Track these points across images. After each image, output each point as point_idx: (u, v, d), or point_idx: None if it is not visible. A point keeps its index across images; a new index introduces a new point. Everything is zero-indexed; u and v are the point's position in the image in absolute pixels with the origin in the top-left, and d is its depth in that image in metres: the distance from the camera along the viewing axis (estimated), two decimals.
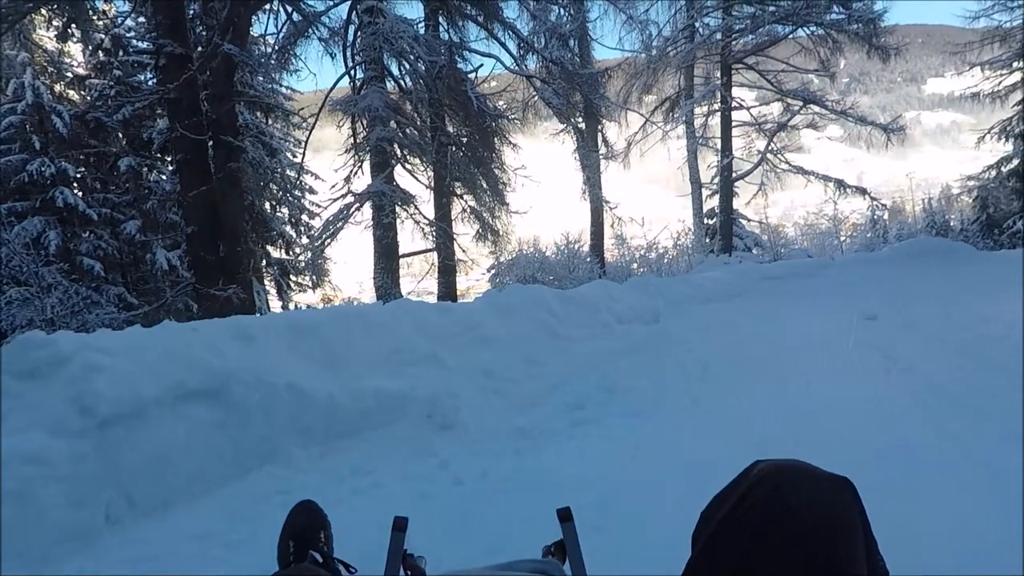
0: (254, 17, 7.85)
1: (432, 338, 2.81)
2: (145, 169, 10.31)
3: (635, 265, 14.90)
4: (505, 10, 8.96)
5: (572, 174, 13.08)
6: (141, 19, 10.19)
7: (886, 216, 17.06)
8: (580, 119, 10.84)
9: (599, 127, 12.10)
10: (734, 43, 12.90)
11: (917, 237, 12.05)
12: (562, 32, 8.95)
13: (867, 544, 0.69)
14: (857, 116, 12.66)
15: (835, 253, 14.61)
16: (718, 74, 13.37)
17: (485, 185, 9.30)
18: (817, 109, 12.79)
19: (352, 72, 9.04)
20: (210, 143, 6.81)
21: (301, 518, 1.63)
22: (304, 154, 10.06)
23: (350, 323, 2.91)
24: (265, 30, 9.27)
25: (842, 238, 16.46)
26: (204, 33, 7.84)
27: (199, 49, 7.10)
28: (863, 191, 13.57)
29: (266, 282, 12.47)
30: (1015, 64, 14.27)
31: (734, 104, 13.23)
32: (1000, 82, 14.74)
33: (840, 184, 13.41)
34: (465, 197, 9.92)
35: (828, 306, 4.66)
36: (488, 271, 12.94)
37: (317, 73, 15.03)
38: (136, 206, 10.01)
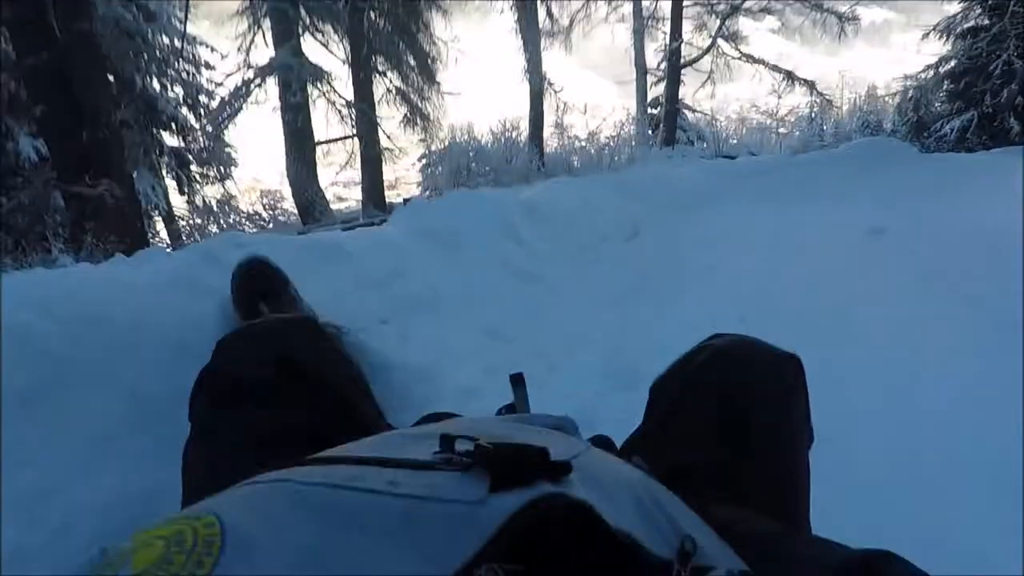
0: None
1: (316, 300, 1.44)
2: None
3: (574, 157, 14.15)
4: None
5: (510, 54, 11.73)
6: None
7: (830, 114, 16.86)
8: None
9: None
10: None
11: (875, 137, 11.89)
12: None
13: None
14: (813, 3, 11.84)
15: (775, 148, 14.44)
16: None
17: (412, 61, 7.95)
18: None
19: None
20: None
21: (261, 280, 1.31)
22: (187, 16, 8.17)
23: None
24: None
25: (781, 131, 16.30)
26: None
27: None
28: (811, 85, 13.08)
29: (165, 175, 10.75)
30: None
31: None
32: None
33: (790, 76, 12.83)
34: (389, 75, 8.53)
35: (821, 214, 4.13)
36: (419, 160, 11.83)
37: None
38: None
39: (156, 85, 10.21)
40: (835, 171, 5.97)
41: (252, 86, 7.21)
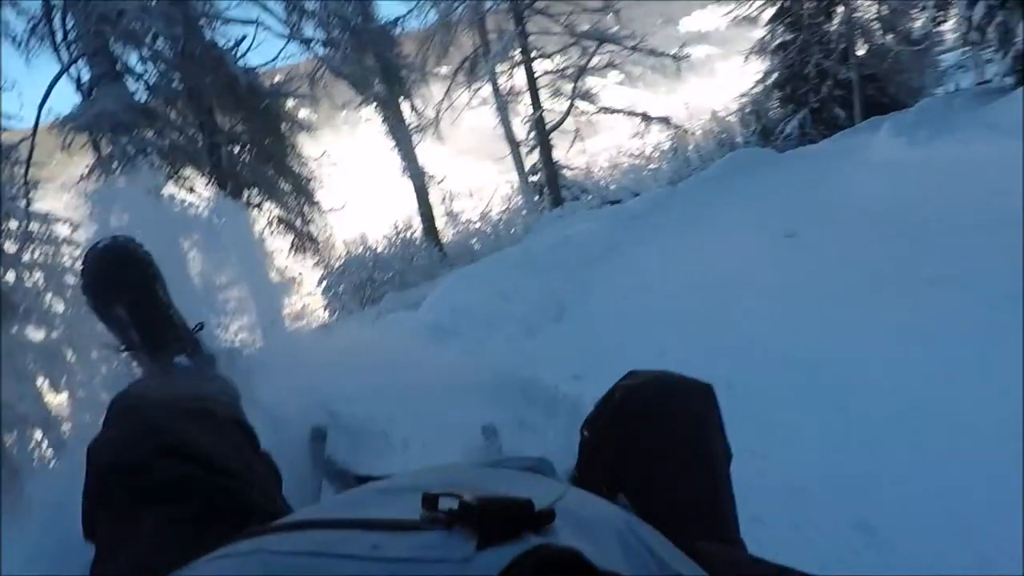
0: None
1: None
2: None
3: (473, 240, 14.28)
4: None
5: (386, 155, 11.86)
6: None
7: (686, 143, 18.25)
8: (379, 86, 9.56)
9: (403, 93, 10.92)
10: None
11: (736, 151, 12.88)
12: None
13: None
14: (648, 49, 13.03)
15: (651, 184, 15.37)
16: (511, 25, 12.87)
17: (286, 186, 7.74)
18: (612, 47, 12.94)
19: (72, 71, 6.83)
20: None
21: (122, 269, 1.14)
22: (28, 193, 7.52)
23: None
24: None
25: (652, 167, 17.43)
26: None
27: None
28: (666, 120, 14.17)
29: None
30: None
31: (534, 53, 12.90)
32: (751, 5, 16.26)
33: (645, 117, 13.84)
34: (266, 205, 8.24)
35: (729, 232, 4.21)
36: (319, 285, 11.41)
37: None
38: None
39: (10, 276, 9.28)
40: (715, 187, 6.34)
41: None
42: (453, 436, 1.42)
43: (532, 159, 14.95)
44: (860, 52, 14.40)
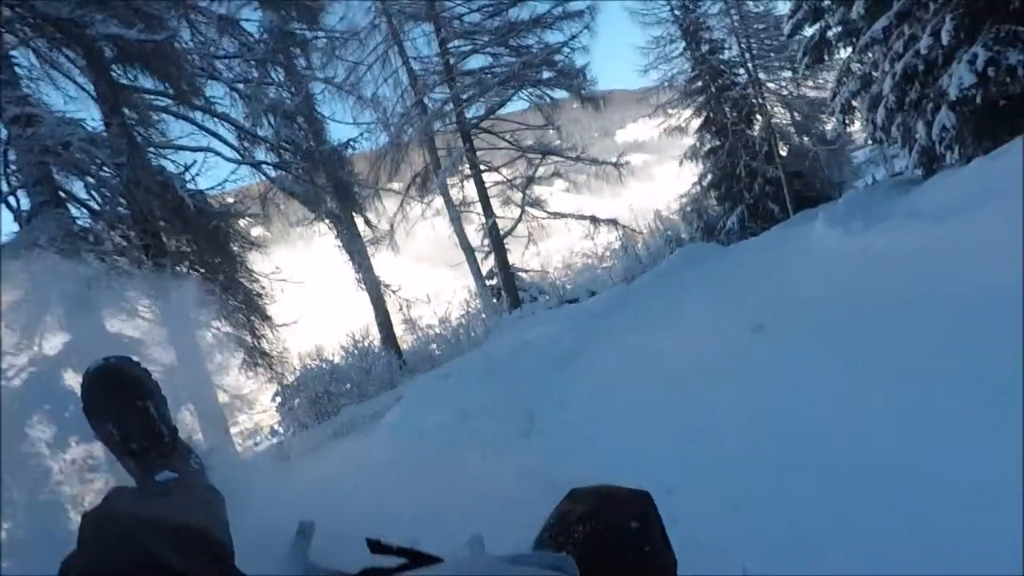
0: None
1: None
2: None
3: (433, 346, 14.09)
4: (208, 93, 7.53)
5: (341, 268, 11.83)
6: None
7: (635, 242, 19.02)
8: (332, 204, 9.70)
9: (357, 209, 11.11)
10: (466, 110, 13.26)
11: (685, 246, 13.45)
12: (285, 109, 7.80)
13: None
14: (590, 159, 13.85)
15: (606, 282, 15.78)
16: (460, 142, 13.56)
17: (235, 302, 7.52)
18: (556, 158, 13.71)
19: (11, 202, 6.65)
20: None
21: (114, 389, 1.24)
22: None
23: None
24: None
25: (604, 266, 17.98)
26: None
27: None
28: (614, 222, 14.79)
29: None
30: (687, 101, 17.28)
31: (482, 167, 13.51)
32: (680, 116, 17.77)
33: (594, 219, 14.43)
34: (216, 323, 7.95)
35: (689, 327, 4.20)
36: (272, 401, 10.86)
37: None
38: None
39: None
40: (669, 282, 6.51)
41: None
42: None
43: (488, 264, 15.22)
44: (783, 153, 15.70)
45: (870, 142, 12.99)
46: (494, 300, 14.78)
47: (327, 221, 10.04)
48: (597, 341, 4.64)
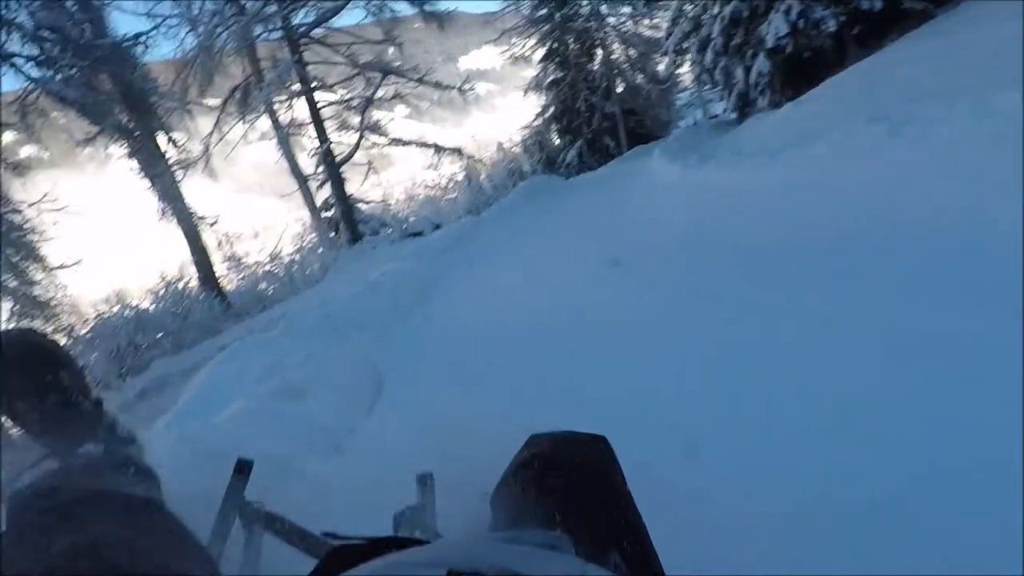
0: None
1: None
2: None
3: (264, 285, 12.89)
4: None
5: (145, 199, 10.01)
6: None
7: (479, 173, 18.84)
8: (123, 117, 7.97)
9: (157, 123, 9.30)
10: (293, 16, 11.63)
11: (530, 179, 13.43)
12: None
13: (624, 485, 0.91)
14: (434, 82, 13.10)
15: (450, 215, 15.49)
16: (287, 54, 11.94)
17: None
18: (397, 79, 12.75)
19: None
20: None
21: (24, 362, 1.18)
22: None
23: None
24: None
25: (448, 198, 17.63)
26: None
27: None
28: (459, 151, 14.39)
29: None
30: (531, 29, 16.97)
31: (315, 84, 12.10)
32: (524, 45, 17.47)
33: (438, 148, 13.88)
34: None
35: (551, 262, 4.07)
36: None
37: None
38: None
39: None
40: (517, 215, 6.43)
41: None
42: None
43: (324, 194, 14.02)
44: (619, 89, 16.25)
45: (694, 84, 13.90)
46: (332, 234, 13.79)
47: (119, 138, 8.26)
48: (449, 279, 4.37)
